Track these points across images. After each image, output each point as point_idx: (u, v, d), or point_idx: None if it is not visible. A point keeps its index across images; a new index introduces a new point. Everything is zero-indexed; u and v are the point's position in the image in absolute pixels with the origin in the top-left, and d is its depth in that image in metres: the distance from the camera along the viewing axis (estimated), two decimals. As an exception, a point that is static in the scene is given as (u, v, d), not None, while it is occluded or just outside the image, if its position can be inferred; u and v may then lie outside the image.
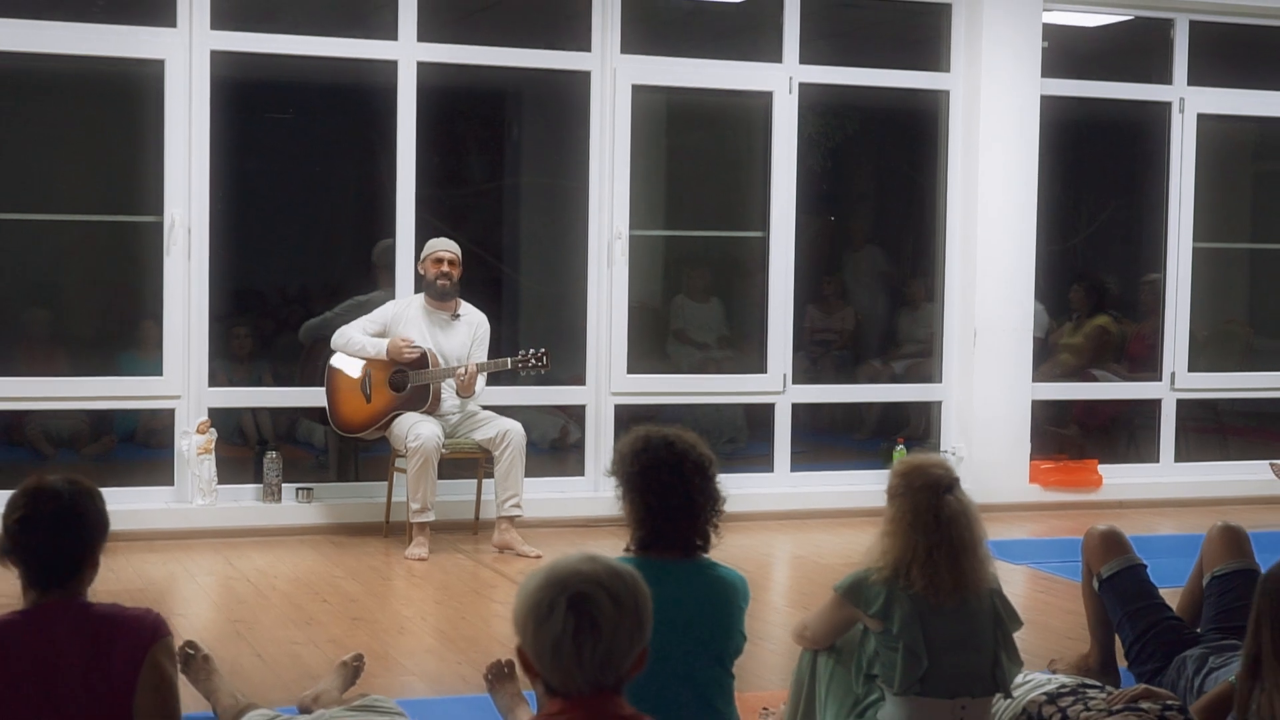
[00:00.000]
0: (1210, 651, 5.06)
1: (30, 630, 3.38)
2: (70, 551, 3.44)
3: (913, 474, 4.23)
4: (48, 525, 3.42)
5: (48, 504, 3.44)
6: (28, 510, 3.43)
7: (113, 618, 3.42)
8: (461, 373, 7.93)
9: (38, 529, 3.42)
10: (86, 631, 3.39)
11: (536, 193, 10.75)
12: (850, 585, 4.26)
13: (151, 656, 3.38)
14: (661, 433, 4.02)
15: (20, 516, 3.43)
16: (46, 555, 3.43)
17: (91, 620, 3.40)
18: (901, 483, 4.24)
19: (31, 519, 3.42)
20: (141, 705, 3.36)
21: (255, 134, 9.53)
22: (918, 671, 4.15)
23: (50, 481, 3.47)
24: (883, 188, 11.78)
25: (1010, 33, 9.57)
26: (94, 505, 3.50)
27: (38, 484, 3.47)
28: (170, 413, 8.48)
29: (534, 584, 2.76)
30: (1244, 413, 11.14)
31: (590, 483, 9.00)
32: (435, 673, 5.64)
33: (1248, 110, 10.46)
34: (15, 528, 3.43)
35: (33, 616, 3.41)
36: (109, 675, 3.37)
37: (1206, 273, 10.61)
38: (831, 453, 10.19)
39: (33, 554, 3.43)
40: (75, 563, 3.44)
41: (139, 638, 3.40)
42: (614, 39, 8.98)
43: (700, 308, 10.50)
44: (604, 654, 2.72)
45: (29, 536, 3.42)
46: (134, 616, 3.44)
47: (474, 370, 7.96)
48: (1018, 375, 9.71)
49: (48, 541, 3.42)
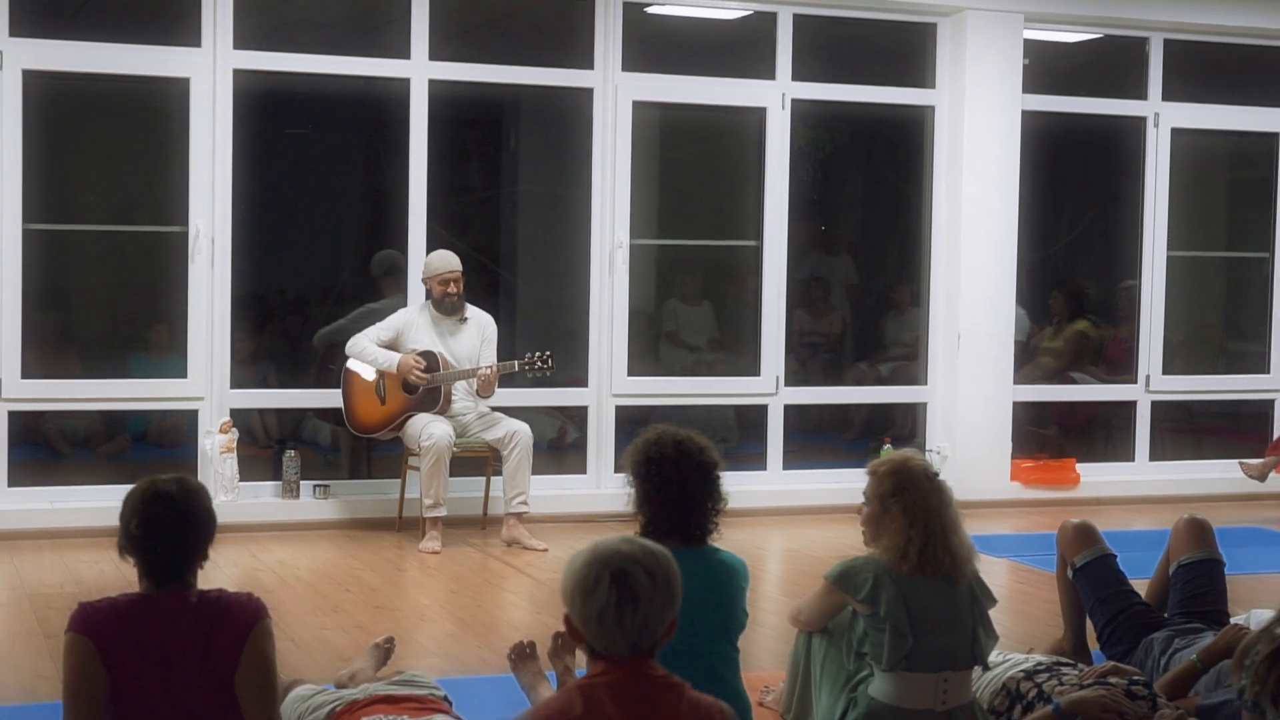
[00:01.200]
0: (1175, 634, 5.47)
1: (148, 615, 3.67)
2: (185, 550, 3.73)
3: (903, 470, 4.65)
4: (165, 527, 3.70)
5: (164, 508, 3.71)
6: (146, 514, 3.70)
7: (219, 602, 3.71)
8: (484, 372, 8.33)
9: (155, 531, 3.70)
10: (196, 616, 3.68)
11: (537, 201, 10.99)
12: (840, 574, 4.68)
13: (254, 637, 3.68)
14: (675, 433, 4.46)
15: (140, 520, 3.70)
16: (164, 554, 3.72)
17: (201, 606, 3.70)
18: (897, 480, 4.65)
19: (150, 522, 3.69)
20: (244, 681, 3.66)
21: (275, 148, 9.74)
22: (903, 649, 4.57)
23: (164, 485, 3.74)
24: (871, 197, 11.97)
25: (992, 50, 9.90)
26: (203, 504, 3.78)
27: (154, 488, 3.74)
28: (181, 413, 8.85)
29: (580, 561, 3.19)
30: (1218, 414, 11.47)
31: (592, 480, 9.39)
32: (458, 655, 6.03)
33: (1219, 124, 10.79)
34: (136, 531, 3.70)
35: (150, 602, 3.70)
36: (216, 655, 3.66)
37: (1182, 279, 10.92)
38: (820, 452, 10.43)
39: (151, 553, 3.72)
40: (188, 559, 3.74)
41: (243, 620, 3.70)
42: (615, 58, 9.33)
43: (692, 311, 10.73)
44: (641, 622, 3.15)
45: (148, 538, 3.70)
46: (238, 602, 3.74)
47: (496, 371, 8.37)
48: (999, 378, 10.06)
49: (165, 542, 3.71)
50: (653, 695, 3.17)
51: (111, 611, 3.67)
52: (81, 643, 3.63)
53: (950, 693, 4.63)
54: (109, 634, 3.64)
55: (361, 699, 4.56)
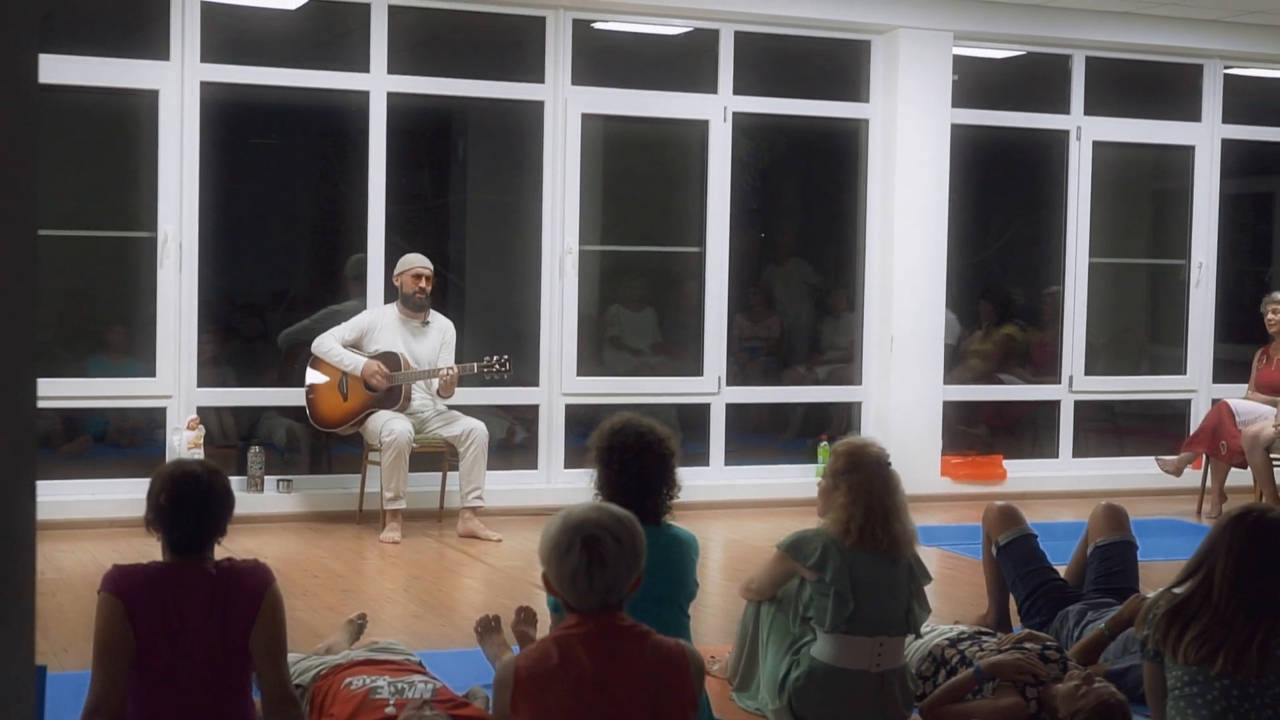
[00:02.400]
0: (1089, 607, 5.96)
1: (173, 581, 4.04)
2: (207, 524, 4.10)
3: (862, 451, 5.14)
4: (192, 505, 4.06)
5: (190, 487, 4.06)
6: (173, 492, 4.06)
7: (232, 570, 4.10)
8: (446, 374, 8.73)
9: (182, 508, 4.06)
10: (215, 584, 4.06)
11: (485, 209, 11.26)
12: (792, 543, 5.14)
13: (267, 599, 4.09)
14: (638, 423, 4.90)
15: (169, 496, 4.05)
16: (189, 529, 4.08)
17: (218, 575, 4.08)
18: (852, 460, 5.13)
19: (177, 500, 4.05)
20: (258, 639, 4.05)
21: (240, 157, 10.01)
22: (845, 613, 5.03)
23: (190, 466, 4.12)
24: (808, 206, 12.26)
25: (923, 66, 10.30)
26: (224, 485, 4.14)
27: (181, 468, 4.12)
28: (140, 414, 9.20)
29: (555, 527, 3.62)
30: (1140, 415, 11.93)
31: (543, 475, 9.78)
32: (424, 633, 6.41)
33: (1138, 138, 11.24)
34: (165, 507, 4.06)
35: (175, 570, 4.07)
36: (233, 617, 4.03)
37: (1106, 285, 11.36)
38: (759, 452, 10.74)
39: (177, 528, 4.08)
40: (210, 533, 4.12)
41: (257, 584, 4.09)
42: (565, 72, 9.70)
43: (635, 316, 11.01)
44: (609, 581, 3.58)
45: (175, 514, 4.06)
46: (250, 568, 4.13)
47: (457, 373, 8.77)
48: (931, 378, 10.48)
49: (190, 519, 4.07)
50: (620, 643, 3.60)
51: (142, 575, 4.05)
52: (112, 602, 4.00)
53: (885, 656, 5.09)
54: (137, 595, 4.01)
55: (344, 663, 4.95)
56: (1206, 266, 11.37)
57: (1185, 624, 4.15)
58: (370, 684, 4.68)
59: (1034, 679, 5.12)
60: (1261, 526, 4.13)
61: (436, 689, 4.74)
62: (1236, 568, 4.09)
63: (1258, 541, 4.11)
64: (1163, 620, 4.21)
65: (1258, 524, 4.14)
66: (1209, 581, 4.13)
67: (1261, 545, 4.11)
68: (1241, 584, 4.08)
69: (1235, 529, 4.13)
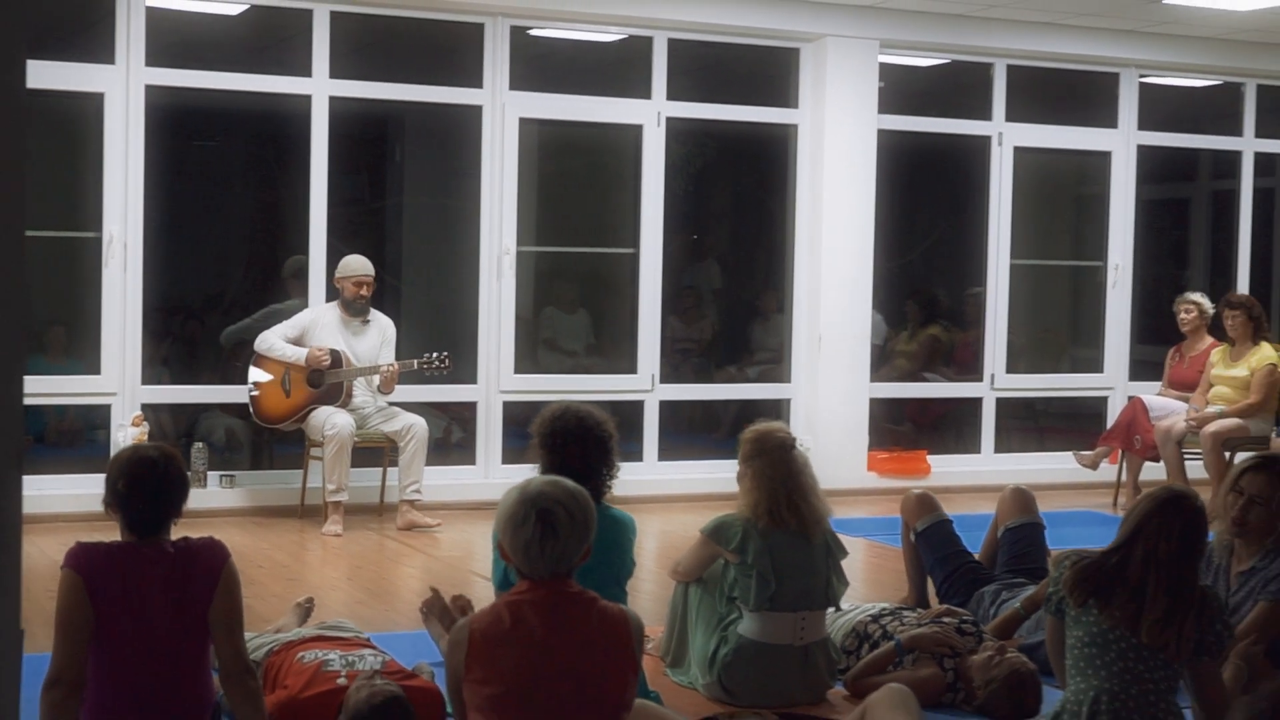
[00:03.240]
0: (1003, 587, 6.27)
1: (133, 560, 4.21)
2: (164, 506, 4.27)
3: (764, 438, 5.42)
4: (148, 488, 4.23)
5: (147, 471, 4.23)
6: (132, 474, 4.23)
7: (189, 548, 4.27)
8: (387, 370, 8.95)
9: (140, 491, 4.22)
10: (173, 563, 4.23)
11: (423, 212, 11.46)
12: (714, 528, 5.44)
13: (224, 574, 4.26)
14: (578, 409, 5.14)
15: (126, 481, 4.22)
16: (146, 511, 4.25)
17: (176, 553, 4.25)
18: (756, 447, 5.42)
19: (134, 483, 4.22)
20: (216, 613, 4.22)
21: (184, 159, 10.20)
22: (768, 592, 5.31)
23: (146, 451, 4.29)
24: (739, 209, 12.51)
25: (850, 74, 10.58)
26: (180, 469, 4.31)
27: (137, 454, 4.28)
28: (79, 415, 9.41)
29: (512, 499, 3.86)
30: (1061, 414, 12.28)
31: (481, 471, 10.00)
32: (369, 617, 6.62)
33: (1058, 144, 11.59)
34: (123, 490, 4.23)
35: (135, 549, 4.24)
36: (192, 593, 4.21)
37: (1029, 286, 11.69)
38: (691, 451, 10.93)
39: (134, 510, 4.25)
40: (166, 515, 4.28)
41: (213, 561, 4.27)
42: (503, 77, 9.92)
43: (568, 319, 11.20)
44: (560, 552, 3.83)
45: (132, 497, 4.23)
46: (207, 546, 4.30)
47: (398, 369, 8.99)
48: (857, 377, 10.77)
49: (146, 501, 4.23)
50: (568, 608, 3.85)
51: (103, 553, 4.23)
52: (73, 578, 4.17)
53: (807, 630, 5.39)
54: (97, 572, 4.18)
55: (296, 640, 5.19)
56: (1122, 268, 11.73)
57: (1100, 587, 4.43)
58: (322, 657, 4.92)
59: (951, 651, 5.43)
60: (1191, 514, 4.43)
61: (385, 661, 4.99)
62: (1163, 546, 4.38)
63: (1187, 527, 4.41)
64: (1068, 576, 4.51)
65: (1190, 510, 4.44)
66: (1132, 554, 4.42)
67: (1188, 531, 4.41)
68: (1162, 562, 4.38)
69: (1170, 511, 4.43)
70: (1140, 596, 4.38)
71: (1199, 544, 4.48)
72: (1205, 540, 4.56)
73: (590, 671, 3.81)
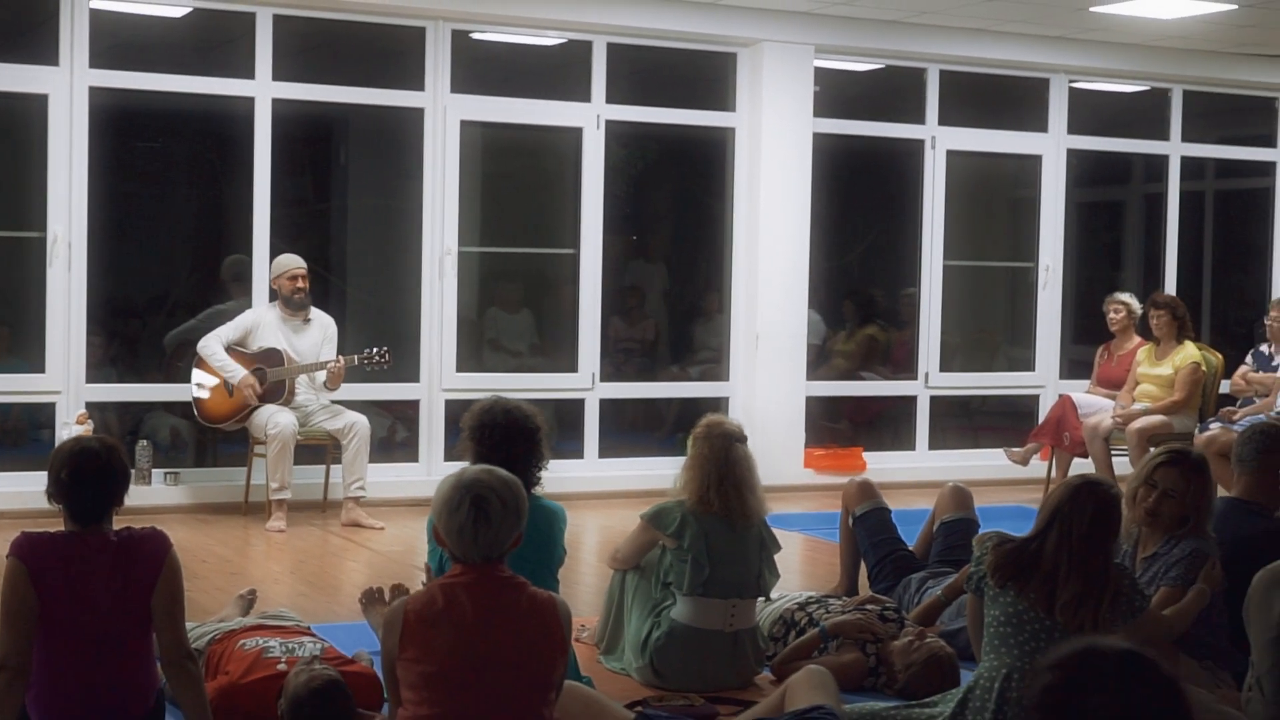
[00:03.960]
0: (930, 576, 6.48)
1: (76, 549, 4.32)
2: (105, 496, 4.38)
3: (713, 426, 5.64)
4: (91, 479, 4.34)
5: (90, 462, 4.34)
6: (74, 467, 4.34)
7: (132, 537, 4.39)
8: (334, 366, 9.07)
9: (82, 482, 4.34)
10: (116, 551, 4.34)
11: (367, 213, 11.53)
12: (654, 514, 5.62)
13: (167, 564, 4.38)
14: (505, 402, 5.31)
15: (69, 471, 4.33)
16: (88, 501, 4.36)
17: (119, 542, 4.37)
18: (705, 432, 5.63)
19: (77, 473, 4.33)
20: (159, 600, 4.34)
21: (129, 161, 10.27)
22: (701, 577, 5.50)
23: (88, 443, 4.41)
24: (679, 211, 12.65)
25: (786, 78, 10.75)
26: (121, 460, 4.43)
27: (79, 446, 4.39)
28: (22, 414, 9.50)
29: (448, 485, 4.03)
30: (996, 412, 12.52)
31: (424, 468, 10.13)
32: (311, 609, 6.75)
33: (990, 147, 11.79)
34: (66, 480, 4.34)
35: (78, 538, 4.35)
36: (135, 581, 4.32)
37: (966, 287, 11.90)
38: (634, 449, 11.07)
39: (77, 500, 4.36)
40: (108, 504, 4.39)
41: (156, 550, 4.39)
42: (445, 80, 10.06)
43: (512, 319, 11.27)
44: (493, 537, 3.99)
45: (75, 487, 4.34)
46: (149, 536, 4.42)
47: (344, 365, 9.12)
48: (794, 375, 10.95)
49: (89, 491, 4.35)
50: (500, 591, 4.01)
51: (48, 542, 4.35)
52: (18, 567, 4.28)
53: (737, 617, 5.58)
54: (41, 560, 4.30)
55: (237, 628, 5.34)
56: (1053, 269, 11.97)
57: (1020, 570, 4.62)
58: (263, 644, 5.07)
59: (873, 637, 5.63)
60: (1104, 499, 4.63)
61: (324, 648, 5.14)
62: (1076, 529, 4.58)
63: (1099, 512, 4.61)
64: (989, 557, 4.70)
65: (1102, 496, 4.64)
66: (1048, 538, 4.62)
67: (1099, 516, 4.61)
68: (1075, 545, 4.57)
69: (1082, 497, 4.63)
70: (1054, 579, 4.57)
71: (1111, 528, 4.66)
72: (1118, 524, 4.73)
73: (520, 652, 3.97)
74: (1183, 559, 5.24)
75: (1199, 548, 5.26)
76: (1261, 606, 4.35)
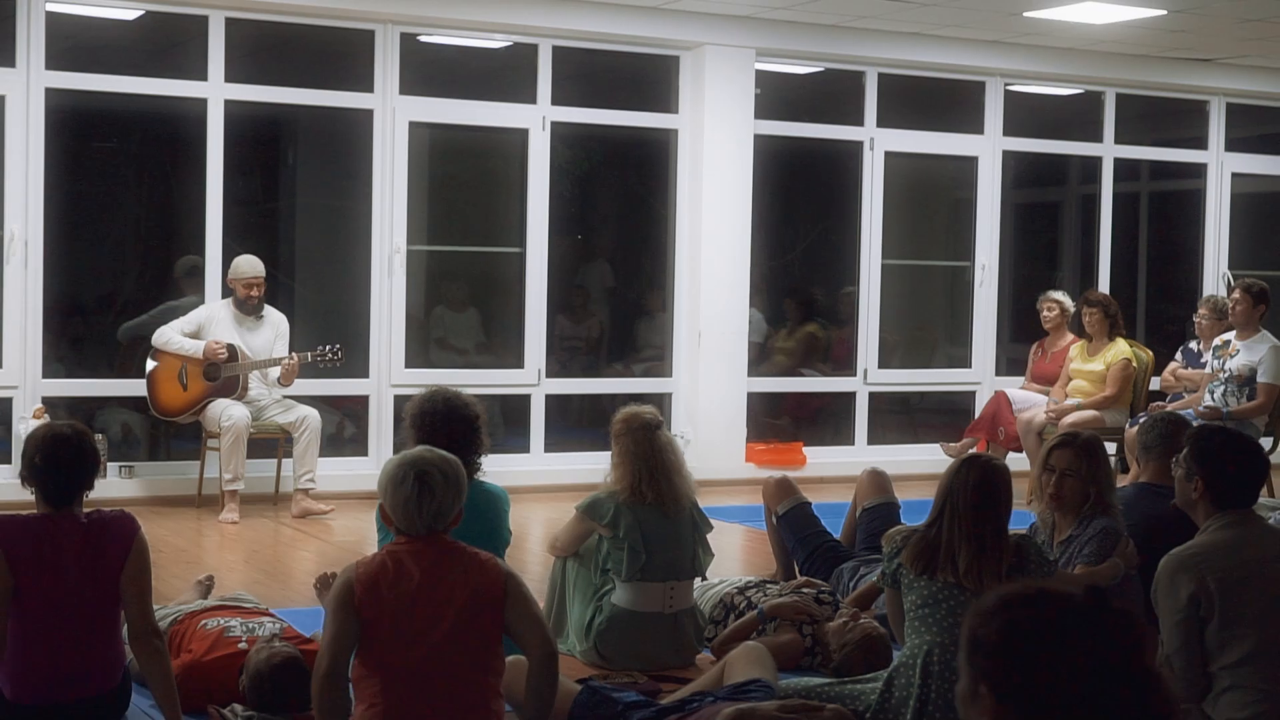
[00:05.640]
0: (861, 563, 6.70)
1: (49, 530, 4.52)
2: (77, 480, 4.59)
3: (631, 419, 5.86)
4: (64, 463, 4.54)
5: (63, 447, 4.55)
6: (47, 451, 4.54)
7: (102, 519, 4.60)
8: (289, 363, 9.25)
9: (55, 466, 4.54)
10: (87, 532, 4.55)
11: (315, 213, 11.71)
12: (588, 505, 5.86)
13: (136, 544, 4.60)
14: (445, 391, 5.53)
15: (42, 456, 4.54)
16: (61, 484, 4.56)
17: (89, 524, 4.57)
18: (624, 426, 5.85)
19: (50, 458, 4.54)
20: (127, 579, 4.56)
21: (84, 161, 10.43)
22: (639, 563, 5.74)
23: (61, 429, 4.61)
24: (623, 211, 12.83)
25: (728, 81, 10.97)
26: (92, 444, 4.63)
27: (52, 431, 4.59)
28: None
29: (394, 463, 4.26)
30: (933, 408, 12.80)
31: (373, 462, 10.28)
32: (266, 595, 6.93)
33: (927, 149, 12.04)
34: (39, 464, 4.54)
35: (50, 520, 4.55)
36: (105, 561, 4.53)
37: (905, 286, 12.15)
38: (580, 443, 11.17)
39: (50, 483, 4.56)
40: (79, 487, 4.60)
41: (125, 531, 4.60)
42: (393, 82, 10.25)
43: (458, 317, 11.43)
44: (436, 508, 4.22)
45: (48, 471, 4.54)
46: (116, 517, 4.62)
47: (297, 362, 9.30)
48: (735, 372, 11.19)
49: (61, 474, 4.55)
50: (442, 554, 4.24)
51: (20, 523, 4.56)
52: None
53: (676, 598, 5.82)
54: (14, 540, 4.51)
55: (198, 609, 5.54)
56: (989, 268, 12.26)
57: (932, 553, 4.88)
58: (224, 624, 5.28)
59: (810, 619, 5.88)
60: (986, 469, 4.90)
61: (283, 627, 5.35)
62: (962, 499, 4.84)
63: (982, 480, 4.88)
64: (906, 551, 4.96)
65: (985, 466, 4.91)
66: (943, 515, 4.88)
67: (983, 484, 4.87)
68: (962, 513, 4.84)
69: (965, 471, 4.90)
70: (953, 551, 4.82)
71: (995, 494, 4.89)
72: (1004, 492, 4.94)
73: (462, 608, 4.16)
74: (1095, 536, 5.52)
75: (1109, 525, 5.54)
76: (1168, 591, 4.53)
